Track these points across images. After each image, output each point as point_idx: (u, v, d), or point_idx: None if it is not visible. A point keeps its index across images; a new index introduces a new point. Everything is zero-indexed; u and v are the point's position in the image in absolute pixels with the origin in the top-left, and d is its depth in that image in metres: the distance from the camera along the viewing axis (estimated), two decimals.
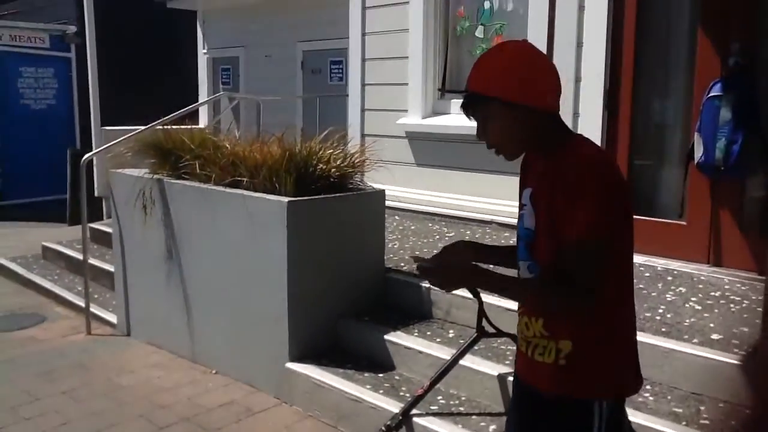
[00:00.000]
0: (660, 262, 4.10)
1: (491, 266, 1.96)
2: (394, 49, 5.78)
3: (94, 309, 5.40)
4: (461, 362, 3.22)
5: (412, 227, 5.49)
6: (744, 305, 3.44)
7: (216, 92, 10.33)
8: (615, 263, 1.74)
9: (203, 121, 9.87)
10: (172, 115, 5.23)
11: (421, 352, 3.50)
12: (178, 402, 3.87)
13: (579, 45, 4.39)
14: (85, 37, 8.82)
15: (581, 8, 4.36)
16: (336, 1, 6.92)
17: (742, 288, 3.70)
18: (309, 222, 3.68)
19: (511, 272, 1.89)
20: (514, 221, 1.92)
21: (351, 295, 3.92)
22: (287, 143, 3.79)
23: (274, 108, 8.55)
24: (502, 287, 1.84)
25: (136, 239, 4.78)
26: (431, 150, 5.70)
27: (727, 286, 3.73)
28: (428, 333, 3.69)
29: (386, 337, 3.65)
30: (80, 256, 6.28)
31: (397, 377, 3.55)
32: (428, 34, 5.54)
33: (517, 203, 1.90)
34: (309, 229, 3.69)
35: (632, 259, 1.82)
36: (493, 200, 5.28)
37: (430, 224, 5.56)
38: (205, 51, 10.51)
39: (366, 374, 3.58)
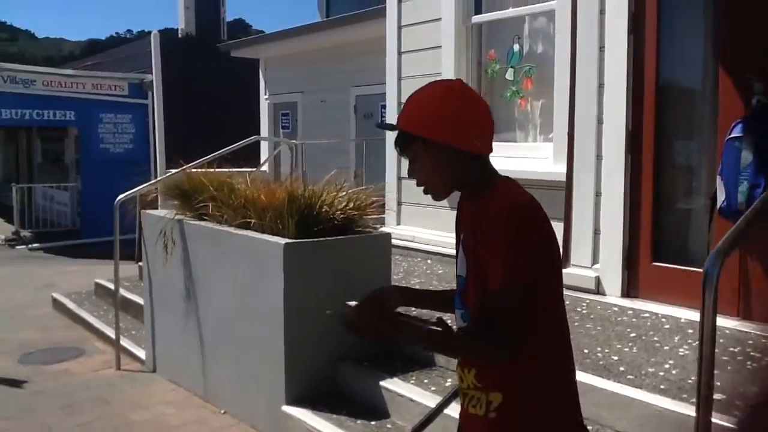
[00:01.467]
0: (684, 314, 3.84)
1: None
2: None
3: (128, 345, 5.56)
4: (447, 412, 3.08)
5: (439, 271, 5.38)
6: (764, 362, 3.16)
7: (276, 135, 10.63)
8: (540, 310, 1.64)
9: (266, 166, 10.16)
10: (205, 158, 5.38)
11: (413, 401, 3.37)
12: None
13: (600, 86, 4.25)
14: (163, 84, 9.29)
15: (601, 49, 4.23)
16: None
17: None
18: (308, 264, 3.66)
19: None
20: None
21: (352, 339, 3.83)
22: (291, 186, 3.81)
23: (329, 151, 8.71)
24: (421, 337, 1.69)
25: (160, 277, 4.91)
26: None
27: (750, 341, 3.44)
28: (425, 381, 3.56)
29: (382, 383, 3.55)
30: (127, 294, 6.52)
31: (389, 425, 3.43)
32: (460, 77, 5.51)
33: None
34: (308, 271, 3.67)
35: (562, 302, 1.71)
36: None
37: None
38: (266, 96, 10.86)
39: (359, 421, 3.48)
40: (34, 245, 13.80)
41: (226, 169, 5.04)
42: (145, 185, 5.06)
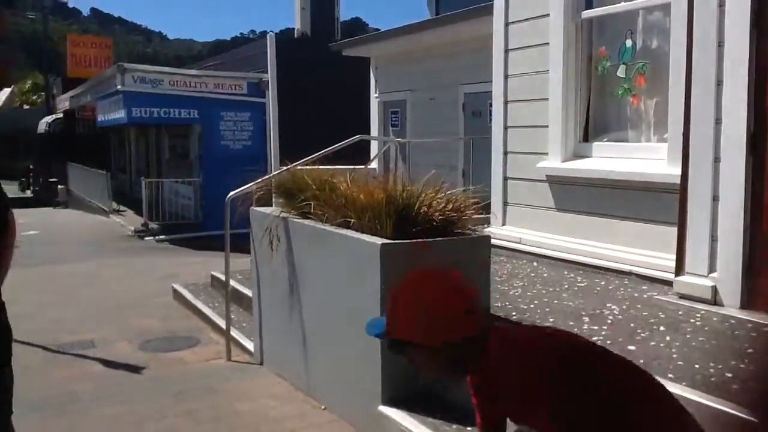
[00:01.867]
0: None
1: None
2: (535, 90, 5.64)
3: (238, 337, 5.79)
4: None
5: (544, 274, 5.25)
6: None
7: (386, 133, 10.73)
8: None
9: (375, 163, 10.30)
10: (310, 156, 5.51)
11: None
12: None
13: (719, 83, 3.98)
14: (279, 83, 9.64)
15: (720, 44, 3.95)
16: None
17: None
18: (404, 265, 3.65)
19: None
20: (655, 273, 1.82)
21: None
22: (389, 186, 3.82)
23: (437, 149, 8.70)
24: None
25: (266, 272, 5.08)
26: (571, 194, 5.45)
27: None
28: None
29: None
30: (240, 286, 6.80)
31: None
32: (568, 75, 5.34)
33: (658, 254, 1.80)
34: (405, 272, 3.66)
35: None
36: (633, 250, 4.90)
37: (566, 272, 5.28)
38: (376, 95, 10.98)
39: (454, 426, 3.45)
40: (161, 237, 14.68)
41: (330, 167, 5.14)
42: (252, 183, 5.24)
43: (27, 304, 7.65)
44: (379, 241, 3.63)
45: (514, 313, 4.15)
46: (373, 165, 9.11)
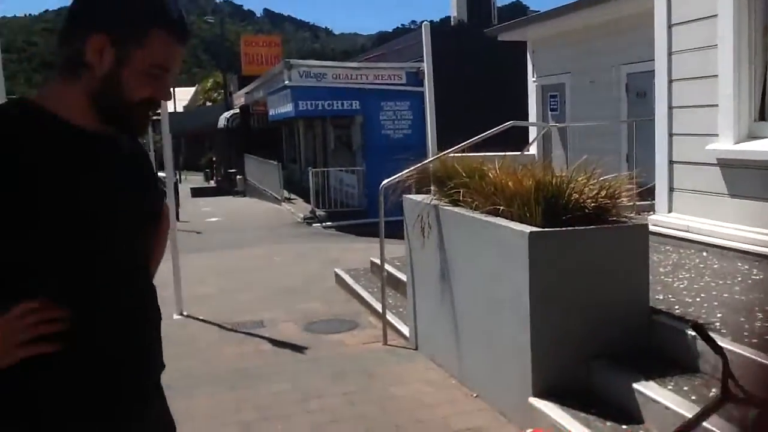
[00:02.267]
0: None
1: None
2: (703, 67, 5.23)
3: (394, 321, 5.95)
4: (706, 425, 2.80)
5: (714, 266, 4.88)
6: None
7: (545, 119, 10.46)
8: None
9: (534, 149, 10.09)
10: (463, 144, 5.51)
11: (668, 408, 3.13)
12: (432, 419, 4.08)
13: None
14: (435, 72, 9.72)
15: None
16: None
17: None
18: (554, 254, 3.58)
19: None
20: None
21: (605, 336, 3.68)
22: (538, 173, 3.74)
23: (598, 133, 8.35)
24: None
25: (419, 259, 5.17)
26: (747, 179, 5.01)
27: None
28: (685, 388, 3.27)
29: (635, 385, 3.34)
30: (396, 272, 6.98)
31: None
32: (740, 49, 4.90)
33: None
34: (555, 262, 3.59)
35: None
36: None
37: (739, 263, 4.88)
38: (534, 79, 10.73)
39: (608, 423, 3.33)
40: (327, 223, 15.38)
41: (482, 154, 5.11)
42: (405, 172, 5.34)
43: (210, 285, 8.39)
44: (528, 229, 3.57)
45: (677, 307, 3.91)
46: (532, 151, 8.93)
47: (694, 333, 3.40)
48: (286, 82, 15.76)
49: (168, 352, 1.68)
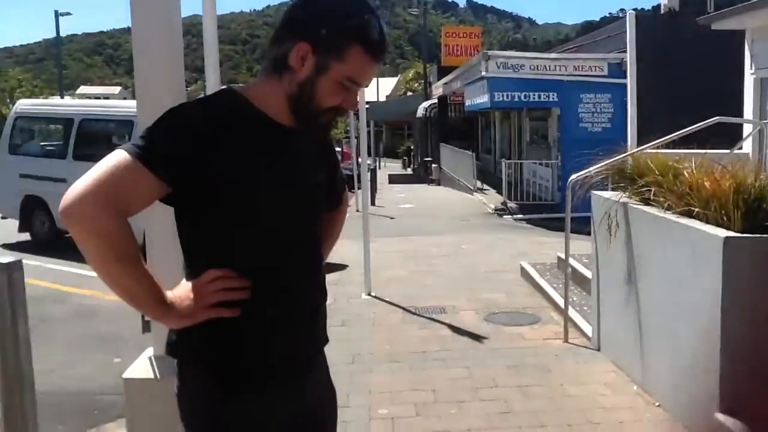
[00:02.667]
0: None
1: None
2: None
3: (577, 320, 5.82)
4: None
5: None
6: None
7: (763, 116, 9.51)
8: None
9: (747, 147, 9.21)
10: (659, 140, 5.20)
11: None
12: (608, 423, 3.96)
13: None
14: (638, 64, 9.27)
15: None
16: None
17: None
18: (754, 262, 3.30)
19: None
20: None
21: None
22: (739, 174, 3.46)
23: None
24: None
25: (605, 257, 4.99)
26: None
27: None
28: None
29: None
30: (583, 269, 6.80)
31: None
32: None
33: None
34: (754, 271, 3.31)
35: None
36: None
37: None
38: (752, 71, 9.75)
39: None
40: (518, 216, 15.24)
41: (682, 151, 4.80)
42: (594, 167, 5.16)
43: (397, 269, 8.72)
44: (723, 233, 3.33)
45: None
46: (745, 149, 8.16)
47: None
48: (483, 73, 15.77)
49: (354, 330, 1.84)
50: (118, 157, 1.45)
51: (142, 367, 2.80)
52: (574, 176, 5.35)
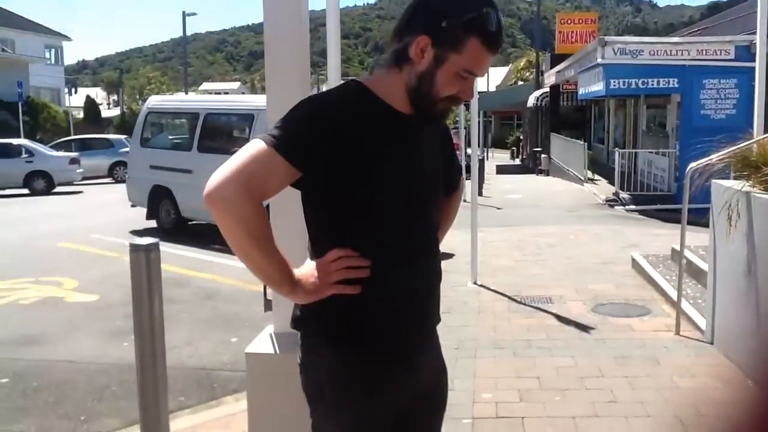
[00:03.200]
0: None
1: None
2: None
3: (690, 312, 5.63)
4: None
5: None
6: None
7: None
8: None
9: None
10: None
11: None
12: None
13: None
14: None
15: None
16: None
17: None
18: None
19: None
20: None
21: None
22: None
23: None
24: None
25: (723, 249, 4.80)
26: None
27: None
28: None
29: None
30: (699, 261, 6.54)
31: None
32: None
33: None
34: None
35: None
36: None
37: None
38: None
39: None
40: (630, 207, 14.72)
41: None
42: (715, 155, 4.96)
43: (504, 258, 8.71)
44: None
45: None
46: None
47: None
48: (599, 59, 15.28)
49: (459, 317, 1.94)
50: (256, 146, 1.60)
51: (263, 343, 2.99)
52: (693, 164, 5.17)
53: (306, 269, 1.71)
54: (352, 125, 1.64)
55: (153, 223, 11.82)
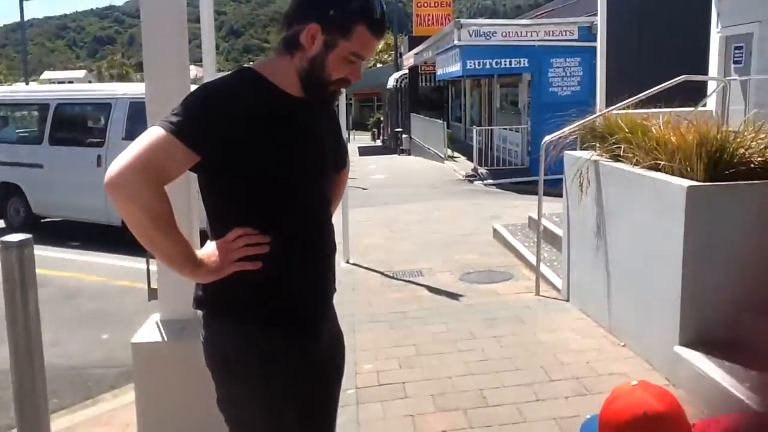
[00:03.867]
0: None
1: None
2: None
3: (548, 274, 6.07)
4: None
5: None
6: None
7: (727, 73, 9.81)
8: None
9: (712, 104, 9.49)
10: (627, 100, 5.40)
11: None
12: (576, 363, 4.21)
13: None
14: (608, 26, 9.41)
15: None
16: None
17: None
18: (713, 209, 3.54)
19: None
20: None
21: (762, 291, 3.60)
22: (702, 127, 3.69)
23: None
24: None
25: (575, 214, 5.23)
26: None
27: None
28: None
29: None
30: (553, 227, 7.04)
31: None
32: None
33: None
34: (712, 216, 3.56)
35: None
36: None
37: None
38: (718, 30, 10.00)
39: (752, 372, 3.30)
40: (489, 181, 15.48)
41: (648, 110, 5.01)
42: (567, 128, 5.36)
43: (373, 237, 8.89)
44: (686, 183, 3.56)
45: None
46: (709, 106, 8.43)
47: None
48: (456, 41, 15.85)
49: (336, 295, 2.01)
50: (154, 132, 1.62)
51: (150, 332, 2.94)
52: (548, 137, 5.55)
53: (207, 249, 1.75)
54: (249, 109, 1.69)
55: (1, 224, 11.01)
